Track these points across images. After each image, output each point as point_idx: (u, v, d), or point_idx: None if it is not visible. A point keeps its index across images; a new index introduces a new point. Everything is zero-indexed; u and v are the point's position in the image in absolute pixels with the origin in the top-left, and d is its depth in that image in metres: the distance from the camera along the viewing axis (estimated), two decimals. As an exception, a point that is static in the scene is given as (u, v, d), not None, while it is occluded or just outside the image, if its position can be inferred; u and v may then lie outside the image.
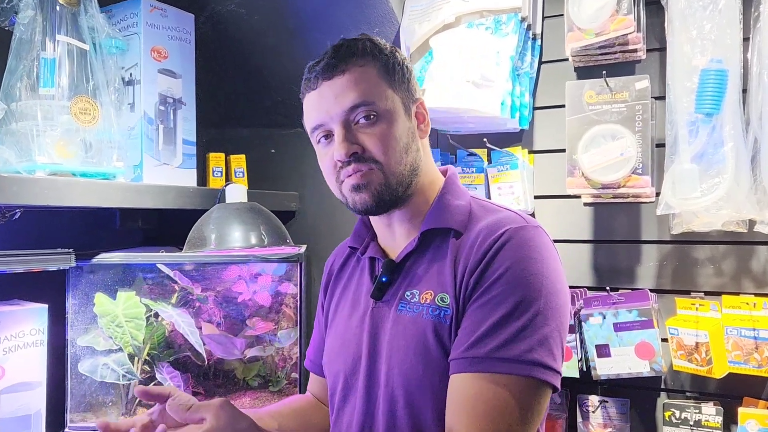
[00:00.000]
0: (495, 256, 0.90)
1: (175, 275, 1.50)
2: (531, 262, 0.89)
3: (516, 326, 0.85)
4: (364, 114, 0.95)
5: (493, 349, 0.85)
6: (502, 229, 0.92)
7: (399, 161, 0.96)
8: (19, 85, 1.22)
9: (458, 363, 0.88)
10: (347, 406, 1.01)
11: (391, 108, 0.97)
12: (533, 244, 0.91)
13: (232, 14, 1.64)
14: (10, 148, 1.18)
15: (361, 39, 1.00)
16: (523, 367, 0.84)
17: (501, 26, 1.46)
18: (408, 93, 1.01)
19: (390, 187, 0.96)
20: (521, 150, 1.56)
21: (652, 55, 1.46)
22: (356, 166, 0.95)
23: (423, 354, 0.92)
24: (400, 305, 0.97)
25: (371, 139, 0.95)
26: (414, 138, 1.00)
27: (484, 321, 0.87)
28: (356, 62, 0.96)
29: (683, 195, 1.28)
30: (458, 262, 0.94)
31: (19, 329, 1.29)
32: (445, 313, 0.92)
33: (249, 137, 1.95)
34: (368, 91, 0.95)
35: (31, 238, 1.47)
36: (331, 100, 0.96)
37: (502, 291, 0.87)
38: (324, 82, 0.96)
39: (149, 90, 1.46)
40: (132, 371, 1.45)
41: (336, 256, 1.18)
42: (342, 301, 1.10)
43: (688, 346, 1.35)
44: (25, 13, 1.23)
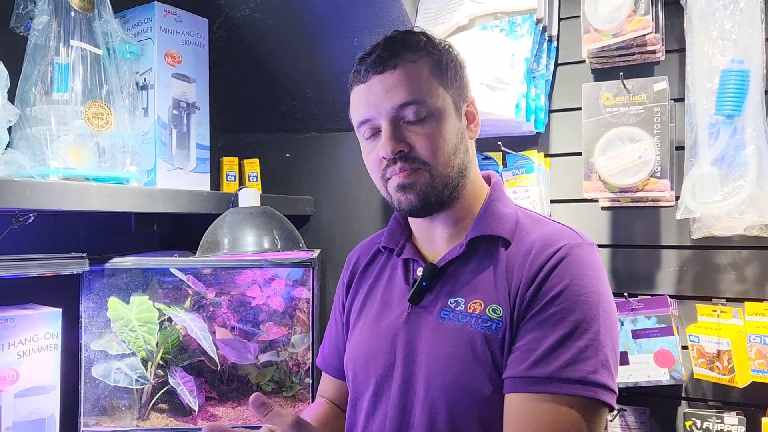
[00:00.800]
0: (552, 271, 0.88)
1: (188, 280, 1.50)
2: (588, 279, 0.88)
3: (579, 346, 0.83)
4: (413, 112, 0.92)
5: (557, 369, 0.83)
6: (559, 245, 0.90)
7: (447, 163, 0.94)
8: (34, 90, 1.23)
9: (518, 382, 0.85)
10: (378, 412, 0.97)
11: (441, 107, 0.94)
12: (590, 261, 0.91)
13: (246, 19, 1.64)
14: (24, 153, 1.19)
15: (416, 33, 0.98)
16: (588, 388, 0.82)
17: (515, 28, 1.44)
18: (459, 91, 0.98)
19: (436, 189, 0.94)
20: (537, 153, 1.54)
21: (672, 57, 1.43)
22: (402, 164, 0.93)
23: (469, 366, 0.89)
24: (442, 313, 0.94)
25: (420, 138, 0.92)
26: (463, 139, 0.97)
27: (544, 339, 0.85)
28: (408, 57, 0.94)
29: (703, 199, 1.25)
30: (511, 274, 0.91)
31: (33, 333, 1.30)
32: (497, 325, 0.89)
33: (263, 142, 1.95)
34: (419, 89, 0.92)
35: (45, 243, 1.48)
36: (380, 95, 0.93)
37: (562, 309, 0.86)
38: (374, 76, 0.94)
39: (163, 95, 1.46)
40: (145, 376, 1.45)
41: (361, 253, 1.15)
42: (369, 302, 1.06)
43: (710, 353, 1.32)
44: (40, 19, 1.24)
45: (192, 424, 1.46)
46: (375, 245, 1.12)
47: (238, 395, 1.53)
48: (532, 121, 1.48)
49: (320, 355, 1.21)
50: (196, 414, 1.48)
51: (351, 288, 1.12)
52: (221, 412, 1.50)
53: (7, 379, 1.25)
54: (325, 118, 1.81)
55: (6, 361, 1.25)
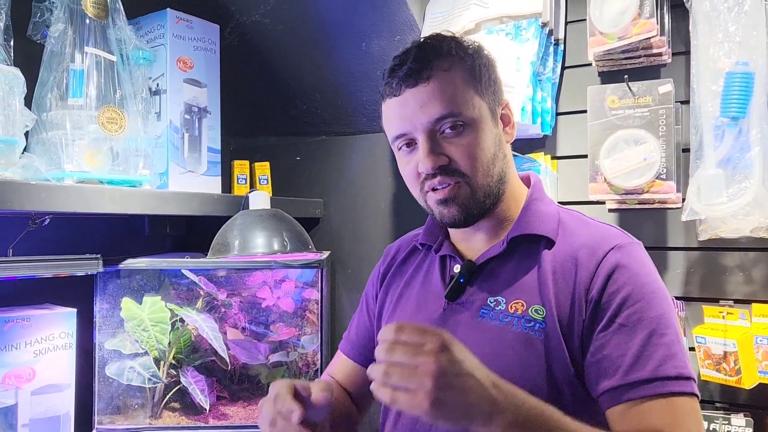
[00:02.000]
0: (612, 275, 0.88)
1: (200, 281, 1.52)
2: (650, 277, 0.89)
3: (666, 342, 0.84)
4: (450, 125, 0.91)
5: (654, 368, 0.83)
6: (612, 246, 0.90)
7: (486, 173, 0.93)
8: (50, 96, 1.26)
9: (617, 392, 0.84)
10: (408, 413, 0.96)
11: (477, 116, 0.92)
12: (644, 259, 0.92)
13: (256, 25, 1.67)
14: (41, 157, 1.22)
15: (446, 39, 0.96)
16: (685, 383, 0.83)
17: (521, 32, 1.45)
18: (494, 96, 0.97)
19: (477, 200, 0.94)
20: (544, 156, 1.55)
21: (678, 59, 1.44)
22: (442, 179, 0.92)
23: (510, 366, 0.87)
24: (482, 311, 0.94)
25: (458, 150, 0.92)
26: (500, 146, 0.96)
27: (630, 342, 0.84)
28: (441, 66, 0.92)
29: (709, 200, 1.26)
30: (558, 276, 0.91)
31: (48, 332, 1.33)
32: (540, 326, 0.88)
33: (274, 145, 1.98)
34: (454, 100, 0.91)
35: (60, 244, 1.51)
36: (415, 109, 0.92)
37: (636, 310, 0.86)
38: (407, 89, 0.92)
39: (175, 99, 1.50)
40: (157, 375, 1.48)
41: (401, 247, 1.14)
42: (405, 295, 1.06)
43: (716, 355, 1.32)
44: (56, 27, 1.28)
45: (203, 423, 1.49)
46: (413, 241, 1.12)
47: (248, 395, 1.55)
48: (538, 124, 1.49)
49: (344, 340, 1.19)
50: (208, 413, 1.50)
51: (386, 279, 1.12)
52: (232, 411, 1.52)
53: (23, 377, 1.28)
54: (335, 122, 1.83)
55: (23, 360, 1.29)
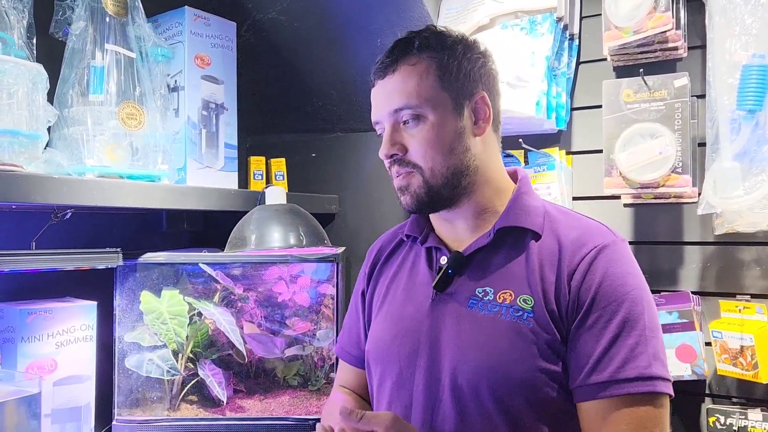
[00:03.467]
0: (588, 273, 0.91)
1: (217, 275, 1.54)
2: (628, 277, 0.91)
3: (629, 344, 0.87)
4: (407, 116, 0.97)
5: (613, 371, 0.86)
6: (596, 244, 0.93)
7: (440, 164, 0.96)
8: (71, 92, 1.28)
9: (582, 391, 0.89)
10: (402, 398, 0.99)
11: (435, 109, 0.96)
12: (627, 258, 0.94)
13: (273, 22, 1.69)
14: (63, 152, 1.25)
15: (423, 32, 1.00)
16: (645, 383, 0.86)
17: (536, 26, 1.46)
18: (461, 89, 0.98)
19: (431, 190, 0.97)
20: (559, 151, 1.55)
21: (694, 53, 1.43)
22: (397, 168, 0.99)
23: (501, 355, 0.90)
24: (470, 301, 0.96)
25: (413, 141, 0.97)
26: (461, 138, 0.97)
27: (596, 344, 0.88)
28: (407, 61, 0.97)
29: (725, 194, 1.25)
30: (544, 268, 0.93)
31: (70, 325, 1.36)
32: (528, 315, 0.91)
33: (290, 142, 2.00)
34: (412, 93, 0.95)
35: (82, 239, 1.54)
36: (382, 99, 0.99)
37: (606, 311, 0.89)
38: (378, 81, 1.00)
39: (193, 96, 1.52)
40: (175, 367, 1.50)
41: (384, 243, 1.17)
42: (392, 289, 1.08)
43: (733, 349, 1.31)
44: (77, 24, 1.30)
45: (220, 415, 1.51)
46: (398, 235, 1.14)
47: (264, 388, 1.57)
48: (553, 119, 1.49)
49: (338, 343, 1.22)
50: (225, 405, 1.52)
51: (372, 277, 1.14)
52: (249, 405, 1.54)
53: (46, 368, 1.31)
54: (350, 119, 1.85)
55: (45, 351, 1.31)
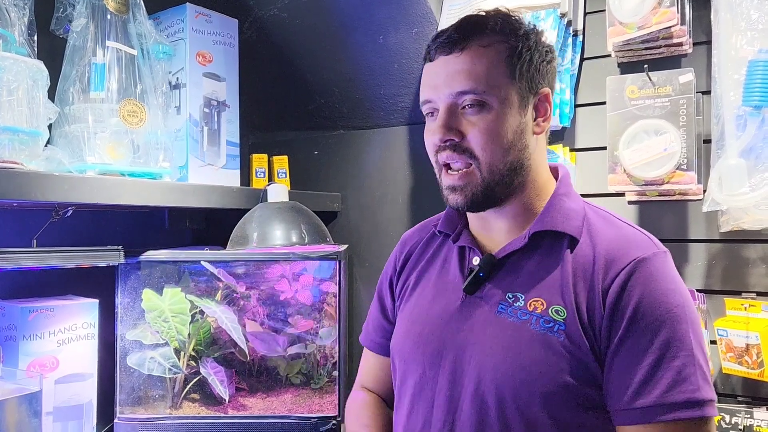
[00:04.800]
0: (626, 288, 0.85)
1: (219, 273, 1.54)
2: (669, 294, 0.85)
3: (676, 366, 0.82)
4: (470, 102, 0.90)
5: (659, 395, 0.81)
6: (633, 257, 0.87)
7: (499, 159, 0.91)
8: (72, 89, 1.28)
9: (625, 415, 0.83)
10: (424, 397, 0.96)
11: (502, 100, 0.90)
12: (668, 272, 0.88)
13: (274, 19, 1.68)
14: (64, 149, 1.25)
15: (495, 14, 0.94)
16: (695, 409, 0.81)
17: (539, 23, 1.45)
18: (530, 83, 0.93)
19: (488, 187, 0.92)
20: (563, 148, 1.54)
21: (699, 49, 1.42)
22: (450, 154, 0.91)
23: (526, 365, 0.86)
24: (500, 306, 0.92)
25: (474, 129, 0.90)
26: (522, 135, 0.92)
27: (638, 366, 0.83)
28: (479, 42, 0.90)
29: (731, 191, 1.24)
30: (578, 278, 0.88)
31: (72, 323, 1.35)
32: (559, 327, 0.86)
33: (292, 139, 1.99)
34: (481, 78, 0.89)
35: (83, 236, 1.54)
36: (442, 78, 0.91)
37: (648, 330, 0.83)
38: (440, 56, 0.91)
39: (194, 93, 1.51)
40: (178, 365, 1.50)
41: (417, 238, 1.12)
42: (422, 284, 1.05)
43: (738, 348, 1.30)
44: (78, 21, 1.30)
45: (223, 413, 1.50)
46: (431, 228, 1.10)
47: (267, 386, 1.57)
48: (557, 116, 1.48)
49: (363, 332, 1.19)
50: (227, 404, 1.52)
51: (405, 267, 1.10)
52: (251, 403, 1.54)
53: (47, 366, 1.31)
54: (353, 116, 1.84)
55: (47, 349, 1.31)
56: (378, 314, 1.16)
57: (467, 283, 0.95)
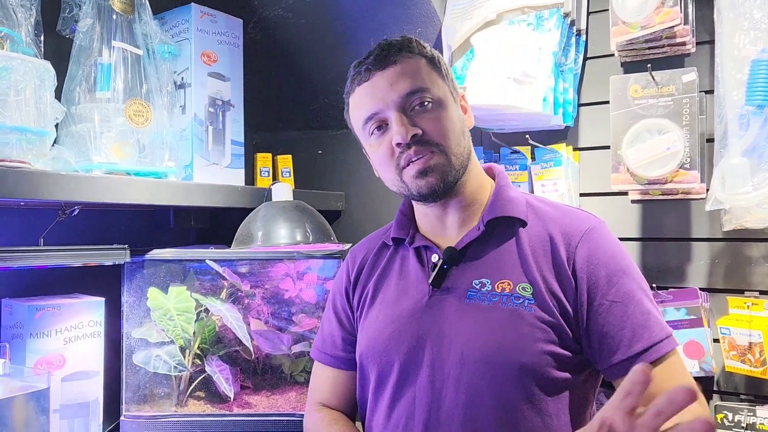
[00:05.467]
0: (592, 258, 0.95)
1: (224, 272, 1.55)
2: (622, 254, 0.98)
3: (650, 310, 0.94)
4: (419, 101, 0.97)
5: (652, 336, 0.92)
6: (585, 228, 0.98)
7: (458, 143, 0.99)
8: (78, 89, 1.29)
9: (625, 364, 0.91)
10: (404, 396, 0.99)
11: (443, 95, 1.00)
12: (614, 238, 1.01)
13: (279, 19, 1.69)
14: (70, 149, 1.25)
15: (406, 37, 1.04)
16: (672, 340, 0.93)
17: (543, 22, 1.45)
18: (453, 84, 1.05)
19: (454, 168, 0.98)
20: (566, 147, 1.54)
21: (702, 48, 1.42)
22: (417, 149, 0.96)
23: (503, 340, 0.93)
24: (469, 293, 0.98)
25: (430, 122, 0.97)
26: (465, 126, 1.03)
27: (625, 318, 0.93)
28: (406, 55, 1.00)
29: (734, 190, 1.24)
30: (539, 256, 0.97)
31: (78, 321, 1.36)
32: (528, 302, 0.94)
33: (296, 139, 2.00)
34: (421, 79, 0.98)
35: (89, 235, 1.55)
36: (385, 88, 0.98)
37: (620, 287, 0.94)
38: (377, 72, 0.99)
39: (199, 93, 1.52)
40: (183, 363, 1.51)
41: (366, 250, 1.17)
42: (382, 292, 1.08)
43: (741, 346, 1.31)
44: (84, 22, 1.31)
45: (228, 411, 1.51)
46: (380, 240, 1.15)
47: (271, 384, 1.57)
48: (560, 115, 1.48)
49: (315, 347, 1.20)
50: (232, 402, 1.52)
51: (359, 279, 1.14)
52: (256, 401, 1.55)
53: (54, 363, 1.32)
54: (356, 115, 1.84)
55: (53, 347, 1.32)
56: (335, 328, 1.17)
57: (434, 276, 1.00)
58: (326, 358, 1.17)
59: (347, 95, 1.06)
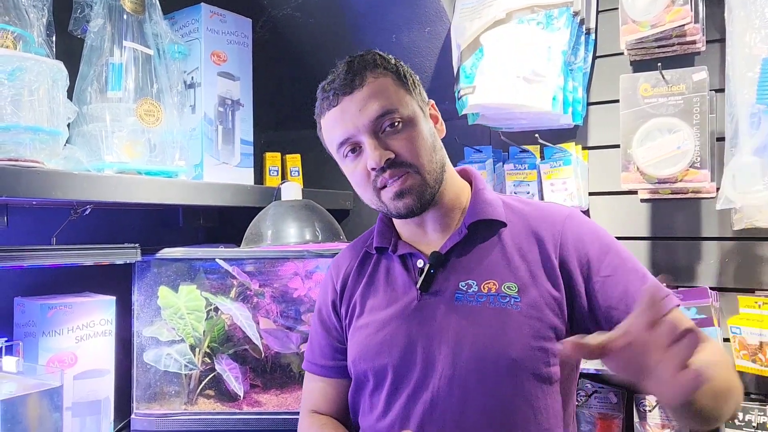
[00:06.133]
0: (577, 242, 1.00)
1: (233, 271, 1.55)
2: (601, 231, 1.03)
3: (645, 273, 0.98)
4: (389, 122, 0.98)
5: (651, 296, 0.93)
6: (563, 215, 1.03)
7: (431, 160, 1.00)
8: (90, 89, 1.30)
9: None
10: (400, 397, 1.01)
11: (412, 113, 1.01)
12: (589, 220, 1.07)
13: (288, 18, 1.69)
14: (82, 148, 1.26)
15: (369, 53, 1.05)
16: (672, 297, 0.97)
17: (552, 21, 1.45)
18: (421, 97, 1.06)
19: (429, 186, 1.00)
20: (575, 146, 1.54)
21: (713, 47, 1.42)
22: (392, 171, 0.98)
23: (491, 338, 0.95)
24: (456, 295, 1.00)
25: (401, 143, 0.98)
26: (436, 138, 1.05)
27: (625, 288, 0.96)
28: (371, 74, 1.00)
29: (744, 189, 1.24)
30: (524, 252, 1.00)
31: (89, 319, 1.37)
32: (515, 300, 0.97)
33: (305, 138, 1.99)
34: (389, 100, 0.99)
35: (100, 234, 1.56)
36: (355, 113, 0.98)
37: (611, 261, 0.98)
38: (344, 98, 1.00)
39: (209, 92, 1.53)
40: (193, 362, 1.51)
41: (349, 260, 1.17)
42: (370, 300, 1.09)
43: (752, 345, 1.30)
44: (96, 22, 1.32)
45: (237, 409, 1.52)
46: (362, 249, 1.15)
47: (280, 383, 1.58)
48: (569, 114, 1.48)
49: (307, 359, 1.20)
50: (241, 400, 1.53)
51: (345, 288, 1.14)
52: (265, 399, 1.55)
53: (66, 361, 1.33)
54: (365, 115, 1.84)
55: (65, 345, 1.33)
56: (323, 338, 1.18)
57: (421, 281, 1.02)
58: (316, 368, 1.18)
59: (318, 117, 1.07)
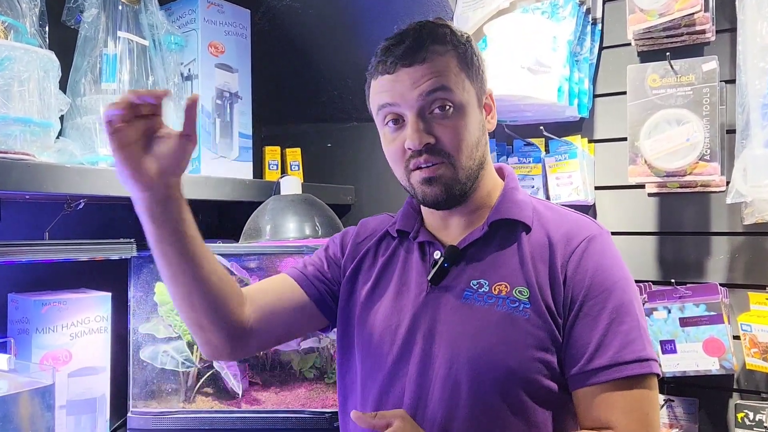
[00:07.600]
0: (580, 266, 0.93)
1: (232, 266, 1.53)
2: (617, 268, 0.95)
3: (624, 330, 0.90)
4: (440, 104, 0.94)
5: (612, 355, 0.89)
6: (584, 236, 0.96)
7: (470, 156, 0.96)
8: (84, 81, 1.27)
9: (582, 377, 0.90)
10: (395, 388, 0.99)
11: (466, 100, 0.96)
12: (613, 249, 0.98)
13: (287, 9, 1.66)
14: (75, 141, 1.24)
15: (441, 25, 0.99)
16: (644, 365, 0.89)
17: (558, 10, 1.42)
18: (482, 84, 1.00)
19: (460, 182, 0.96)
20: (581, 139, 1.51)
21: (722, 37, 1.38)
22: (428, 157, 0.94)
23: (494, 344, 0.92)
24: (465, 293, 0.97)
25: (446, 131, 0.94)
26: (483, 132, 1.00)
27: (592, 331, 0.91)
28: (437, 50, 0.95)
29: (755, 182, 1.21)
30: (537, 260, 0.96)
31: (84, 316, 1.35)
32: (524, 306, 0.93)
33: (305, 132, 1.97)
34: (447, 81, 0.94)
35: (95, 229, 1.53)
36: (408, 85, 0.94)
37: (600, 299, 0.92)
38: (402, 68, 0.94)
39: (207, 84, 1.50)
40: (191, 359, 1.49)
41: (376, 227, 1.13)
42: (383, 282, 1.06)
43: (763, 343, 1.27)
44: (90, 12, 1.29)
45: (236, 407, 1.49)
46: (383, 228, 1.12)
47: (280, 381, 1.55)
48: (575, 106, 1.45)
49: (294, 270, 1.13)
50: (240, 398, 1.51)
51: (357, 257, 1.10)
52: (264, 397, 1.53)
53: (60, 359, 1.30)
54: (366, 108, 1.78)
55: (59, 342, 1.31)
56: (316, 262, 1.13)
57: (432, 274, 0.99)
58: (294, 272, 1.12)
59: (369, 74, 1.01)
